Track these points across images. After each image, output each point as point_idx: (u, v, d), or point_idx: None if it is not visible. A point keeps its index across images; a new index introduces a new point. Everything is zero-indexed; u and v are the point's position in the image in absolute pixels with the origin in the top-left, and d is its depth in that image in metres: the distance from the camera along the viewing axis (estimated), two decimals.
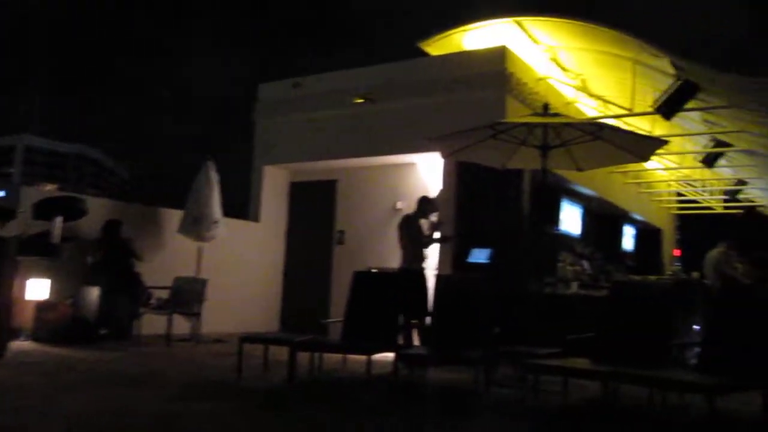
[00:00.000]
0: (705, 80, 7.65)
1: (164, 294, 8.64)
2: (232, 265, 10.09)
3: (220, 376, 6.17)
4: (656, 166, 13.89)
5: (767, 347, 4.49)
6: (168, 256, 9.33)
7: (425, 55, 10.18)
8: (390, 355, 5.59)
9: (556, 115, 6.30)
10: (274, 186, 11.09)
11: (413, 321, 7.06)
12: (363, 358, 5.45)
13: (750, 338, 4.58)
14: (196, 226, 9.22)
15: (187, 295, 8.55)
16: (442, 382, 6.24)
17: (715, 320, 5.01)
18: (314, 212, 10.90)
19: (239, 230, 10.39)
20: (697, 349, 5.15)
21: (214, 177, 9.48)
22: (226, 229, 9.54)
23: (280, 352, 6.00)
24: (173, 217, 9.51)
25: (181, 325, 8.62)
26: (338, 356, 6.55)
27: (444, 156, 6.96)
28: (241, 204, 11.05)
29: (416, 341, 7.21)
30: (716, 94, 8.50)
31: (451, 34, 9.68)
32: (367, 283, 6.58)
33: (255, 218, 10.90)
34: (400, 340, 6.54)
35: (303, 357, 5.91)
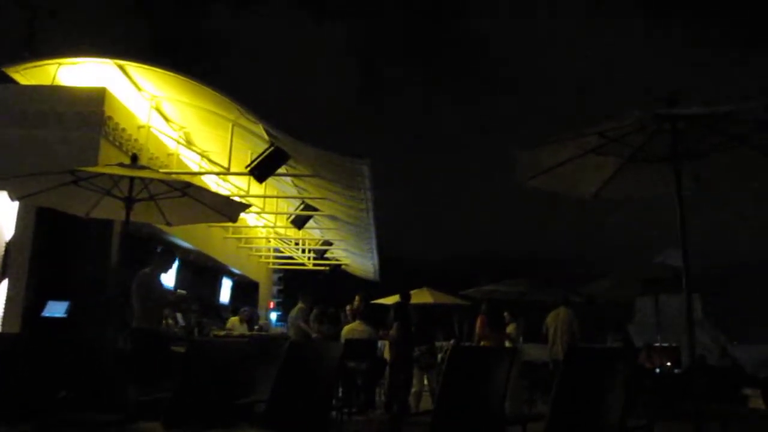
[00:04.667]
0: (291, 149, 8.33)
1: None
2: None
3: None
4: (256, 223, 14.66)
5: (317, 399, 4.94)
6: None
7: (13, 81, 9.10)
8: None
9: (144, 167, 6.14)
10: None
11: None
12: None
13: (303, 392, 4.97)
14: None
15: None
16: None
17: (278, 376, 5.29)
18: None
19: None
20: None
21: None
22: None
23: None
24: None
25: None
26: None
27: (14, 198, 6.19)
28: None
29: None
30: (302, 163, 9.34)
31: (44, 64, 8.84)
32: None
33: None
34: None
35: None
